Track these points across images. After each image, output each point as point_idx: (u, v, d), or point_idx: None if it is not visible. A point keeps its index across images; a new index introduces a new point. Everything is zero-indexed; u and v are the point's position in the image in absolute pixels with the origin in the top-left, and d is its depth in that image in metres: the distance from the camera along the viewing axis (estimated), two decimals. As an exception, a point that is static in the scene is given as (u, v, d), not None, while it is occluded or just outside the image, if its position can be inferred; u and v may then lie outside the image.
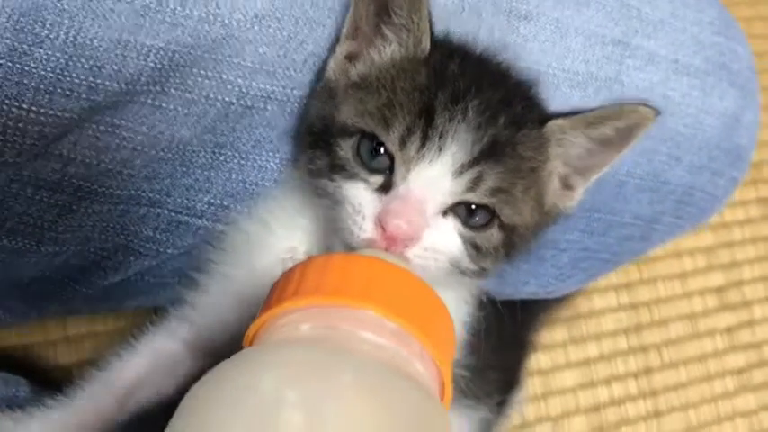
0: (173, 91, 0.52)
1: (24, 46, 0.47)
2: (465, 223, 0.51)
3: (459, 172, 0.49)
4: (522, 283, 0.74)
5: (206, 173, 0.55)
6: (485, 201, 0.50)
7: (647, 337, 1.02)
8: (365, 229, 0.49)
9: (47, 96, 0.48)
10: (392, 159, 0.50)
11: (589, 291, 0.99)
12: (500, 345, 0.67)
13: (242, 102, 0.54)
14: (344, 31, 0.55)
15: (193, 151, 0.54)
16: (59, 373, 0.79)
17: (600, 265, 0.78)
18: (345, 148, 0.51)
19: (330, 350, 0.35)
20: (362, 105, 0.51)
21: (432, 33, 0.53)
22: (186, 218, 0.57)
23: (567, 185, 0.58)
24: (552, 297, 0.81)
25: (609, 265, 0.79)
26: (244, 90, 0.53)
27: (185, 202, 0.56)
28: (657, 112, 0.53)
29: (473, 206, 0.51)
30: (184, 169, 0.55)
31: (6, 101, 0.47)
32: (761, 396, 1.05)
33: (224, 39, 0.52)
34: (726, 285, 1.08)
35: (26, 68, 0.47)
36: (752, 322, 1.08)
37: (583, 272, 0.77)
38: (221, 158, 0.55)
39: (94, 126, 0.51)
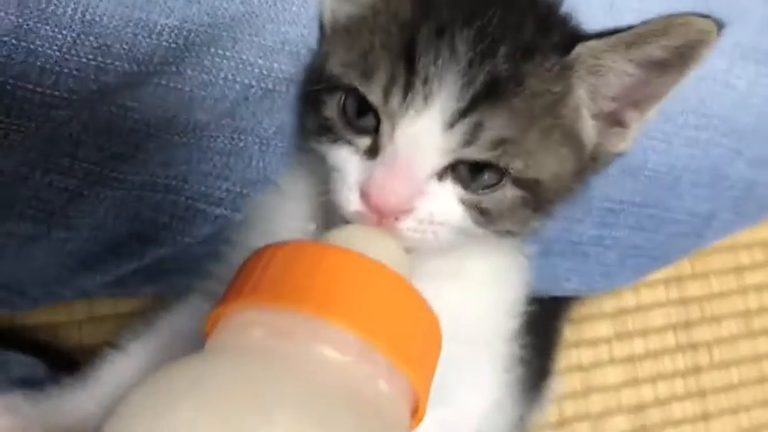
0: (188, 72, 0.48)
1: (30, 23, 0.44)
2: (468, 185, 0.44)
3: (451, 123, 0.42)
4: (564, 279, 0.70)
5: (224, 159, 0.52)
6: (486, 156, 0.43)
7: (697, 335, 0.97)
8: (351, 200, 0.43)
9: (53, 77, 0.45)
10: (378, 116, 0.43)
11: (636, 284, 0.93)
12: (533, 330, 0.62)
13: (263, 84, 0.50)
14: None
15: (211, 136, 0.51)
16: (84, 353, 0.77)
17: (649, 263, 0.73)
18: (330, 106, 0.45)
19: (270, 377, 0.31)
20: (347, 53, 0.45)
21: None
22: (204, 206, 0.53)
23: (617, 122, 0.49)
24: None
25: (658, 263, 0.74)
26: (265, 71, 0.50)
27: (203, 189, 0.53)
28: (719, 24, 0.43)
29: (477, 163, 0.43)
30: (202, 155, 0.51)
31: (11, 80, 0.45)
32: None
33: (243, 16, 0.48)
34: (785, 282, 1.01)
35: (31, 47, 0.44)
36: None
37: (630, 269, 0.73)
38: (241, 144, 0.52)
39: (105, 108, 0.48)
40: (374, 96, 0.43)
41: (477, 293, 0.51)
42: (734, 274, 0.99)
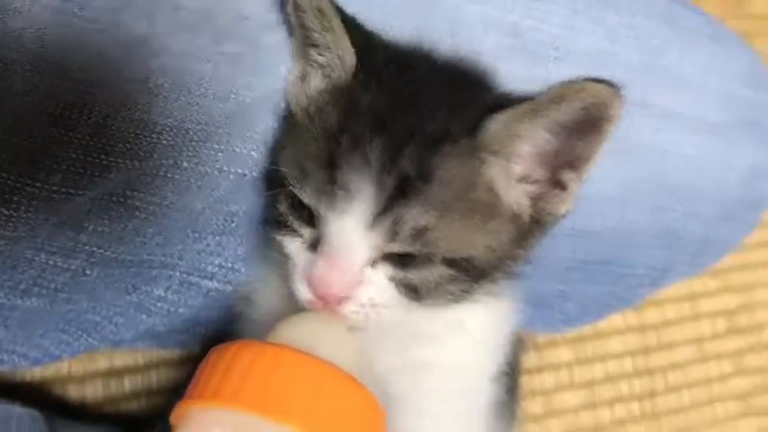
0: (185, 164, 0.52)
1: (38, 125, 0.47)
2: (400, 268, 0.47)
3: (373, 223, 0.45)
4: (528, 325, 0.74)
5: (218, 238, 0.56)
6: (409, 248, 0.46)
7: (654, 360, 1.03)
8: (301, 289, 0.48)
9: (59, 175, 0.48)
10: (314, 214, 0.48)
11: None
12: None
13: (254, 172, 0.54)
14: (293, 48, 0.52)
15: (206, 220, 0.54)
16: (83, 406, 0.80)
17: (608, 309, 0.79)
18: (283, 201, 0.49)
19: None
20: (291, 151, 0.49)
21: (364, 47, 0.49)
22: (198, 279, 0.57)
23: (558, 184, 0.51)
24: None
25: (617, 309, 0.80)
26: (257, 162, 0.53)
27: (197, 264, 0.56)
28: (615, 87, 0.45)
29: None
30: (196, 235, 0.55)
31: (20, 179, 0.47)
32: (762, 420, 1.06)
33: (237, 115, 0.51)
34: (736, 309, 1.07)
35: (39, 147, 0.48)
36: (759, 346, 1.08)
37: (591, 315, 0.78)
38: (233, 225, 0.55)
39: (107, 197, 0.51)
40: (307, 199, 0.47)
41: (470, 346, 0.56)
42: (688, 301, 1.05)
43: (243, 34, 0.51)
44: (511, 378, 0.67)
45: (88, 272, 0.53)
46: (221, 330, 0.61)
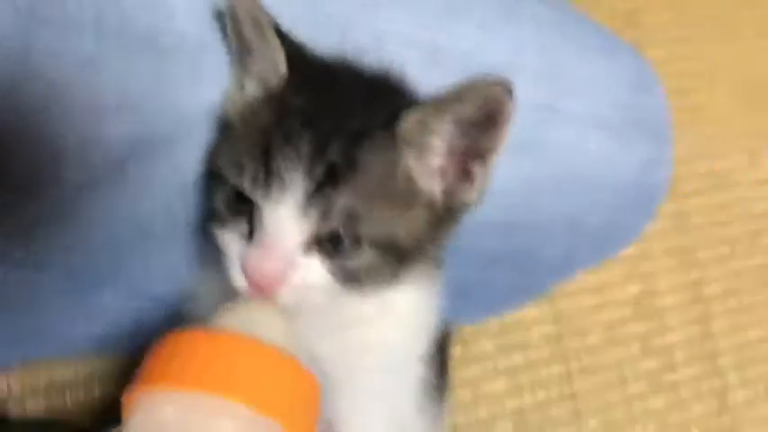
0: (131, 173, 0.55)
1: None
2: (331, 253, 0.52)
3: (305, 208, 0.50)
4: (454, 315, 0.80)
5: (162, 242, 0.60)
6: (335, 228, 0.51)
7: (569, 345, 1.10)
8: (236, 278, 0.52)
9: (9, 187, 0.51)
10: (251, 206, 0.52)
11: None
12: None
13: (196, 180, 0.58)
14: (233, 60, 0.57)
15: (151, 226, 0.60)
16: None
17: (524, 297, 0.86)
18: (219, 196, 0.54)
19: None
20: (228, 151, 0.54)
21: (295, 56, 0.54)
22: (143, 283, 0.61)
23: (466, 176, 0.56)
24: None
25: (532, 297, 0.87)
26: (198, 172, 0.58)
27: (142, 269, 0.60)
28: (506, 86, 0.50)
29: (334, 235, 0.51)
30: (143, 241, 0.58)
31: None
32: (669, 396, 1.15)
33: (180, 126, 0.56)
34: (641, 295, 1.17)
35: None
36: (663, 328, 1.17)
37: (509, 303, 0.86)
38: (177, 231, 0.60)
39: (56, 207, 0.54)
40: (246, 189, 0.51)
41: (400, 326, 0.61)
42: (597, 290, 1.14)
43: (183, 52, 0.55)
44: (440, 363, 0.73)
45: (36, 281, 0.56)
46: (165, 332, 0.64)
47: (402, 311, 0.59)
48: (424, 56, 0.64)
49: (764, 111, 1.32)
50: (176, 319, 0.63)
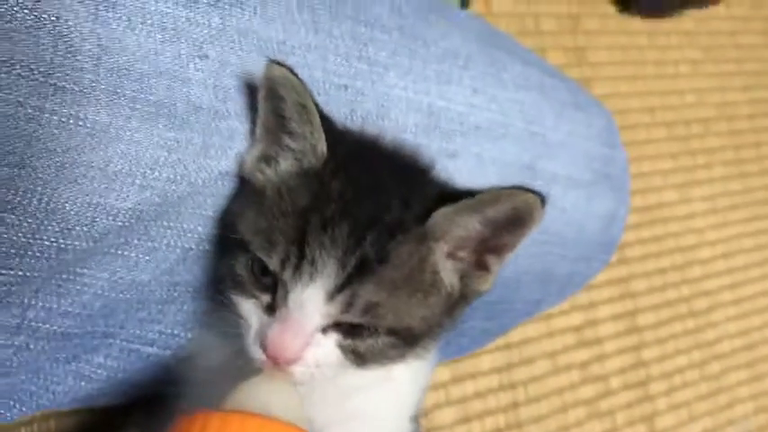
0: (135, 241, 0.54)
1: None
2: (347, 335, 0.52)
3: (332, 296, 0.50)
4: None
5: (160, 306, 0.58)
6: (360, 320, 0.51)
7: (516, 375, 1.14)
8: (253, 349, 0.52)
9: (17, 259, 0.49)
10: (276, 281, 0.52)
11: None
12: None
13: (201, 246, 0.57)
14: (257, 131, 0.57)
15: (151, 290, 0.56)
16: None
17: (491, 338, 0.89)
18: (241, 264, 0.53)
19: None
20: (256, 221, 0.53)
21: (332, 138, 0.54)
22: (138, 346, 0.59)
23: (481, 265, 0.57)
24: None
25: (497, 336, 0.90)
26: (203, 237, 0.56)
27: (138, 332, 0.58)
28: (540, 196, 0.52)
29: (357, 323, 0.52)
30: (140, 305, 0.57)
31: None
32: (605, 422, 1.21)
33: (189, 195, 0.54)
34: (582, 324, 1.22)
35: None
36: (602, 356, 1.23)
37: (477, 344, 0.88)
38: (175, 294, 0.58)
39: (57, 275, 0.52)
40: (273, 267, 0.51)
41: (400, 392, 0.62)
42: (544, 320, 1.18)
43: (196, 122, 0.54)
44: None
45: (32, 346, 0.54)
46: (153, 388, 0.63)
47: (401, 379, 0.60)
48: (423, 120, 0.66)
49: (696, 149, 1.41)
50: (163, 376, 0.62)
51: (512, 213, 0.53)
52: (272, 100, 0.54)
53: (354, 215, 0.51)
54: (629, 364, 1.25)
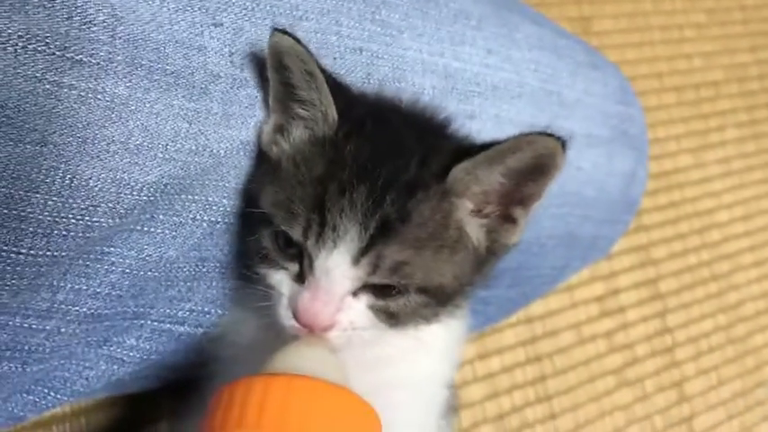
0: (161, 216, 0.53)
1: (20, 192, 0.47)
2: (378, 296, 0.52)
3: (357, 259, 0.50)
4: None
5: (189, 284, 0.57)
6: (386, 281, 0.51)
7: (541, 348, 1.14)
8: (285, 317, 0.52)
9: (44, 239, 0.48)
10: (301, 251, 0.52)
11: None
12: None
13: (226, 220, 0.56)
14: (270, 102, 0.56)
15: (178, 267, 0.56)
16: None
17: (517, 307, 0.88)
18: (266, 238, 0.53)
19: None
20: (276, 195, 0.53)
21: (344, 101, 0.53)
22: (169, 325, 0.58)
23: (508, 218, 0.56)
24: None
25: (524, 305, 0.89)
26: (228, 209, 0.56)
27: (168, 311, 0.58)
28: (561, 140, 0.51)
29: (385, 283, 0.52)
30: (169, 283, 0.56)
31: (4, 247, 0.47)
32: (635, 390, 1.20)
33: (212, 167, 0.54)
34: (605, 294, 1.21)
35: (22, 214, 0.47)
36: (626, 325, 1.22)
37: (504, 313, 0.87)
38: (204, 270, 0.57)
39: (85, 256, 0.51)
40: (296, 237, 0.51)
41: (434, 359, 0.62)
42: (566, 291, 1.17)
43: (215, 92, 0.53)
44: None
45: (63, 330, 0.53)
46: (185, 369, 0.63)
47: (435, 345, 0.60)
48: (439, 82, 0.65)
49: (707, 113, 1.40)
50: (197, 357, 0.61)
51: (533, 161, 0.52)
52: (279, 70, 0.53)
53: (372, 177, 0.51)
54: (654, 331, 1.24)
